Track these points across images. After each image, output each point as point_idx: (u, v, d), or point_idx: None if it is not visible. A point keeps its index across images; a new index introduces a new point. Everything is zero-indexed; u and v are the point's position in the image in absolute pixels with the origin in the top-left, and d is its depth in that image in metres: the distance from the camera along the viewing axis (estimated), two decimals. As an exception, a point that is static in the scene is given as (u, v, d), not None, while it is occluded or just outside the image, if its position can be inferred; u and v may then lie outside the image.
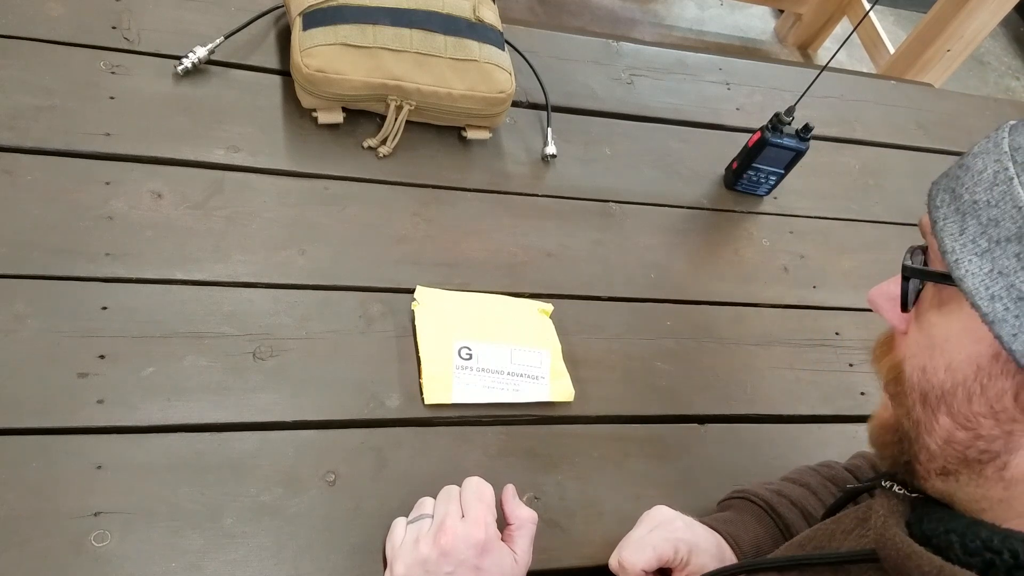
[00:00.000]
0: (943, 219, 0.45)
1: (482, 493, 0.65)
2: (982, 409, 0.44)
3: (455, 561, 0.60)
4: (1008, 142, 0.44)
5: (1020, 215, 0.41)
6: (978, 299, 0.42)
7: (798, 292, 1.00)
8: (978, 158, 0.45)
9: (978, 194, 0.43)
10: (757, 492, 0.73)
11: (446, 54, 0.90)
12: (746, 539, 0.69)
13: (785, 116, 0.98)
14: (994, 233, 0.42)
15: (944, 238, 0.44)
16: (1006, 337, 0.41)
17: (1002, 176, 0.43)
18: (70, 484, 0.62)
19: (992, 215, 0.42)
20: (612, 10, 2.62)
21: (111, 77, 0.86)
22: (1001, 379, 0.43)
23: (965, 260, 0.43)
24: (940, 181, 0.48)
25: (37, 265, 0.72)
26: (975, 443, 0.44)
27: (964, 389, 0.44)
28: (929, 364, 0.47)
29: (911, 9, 3.05)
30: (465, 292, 0.84)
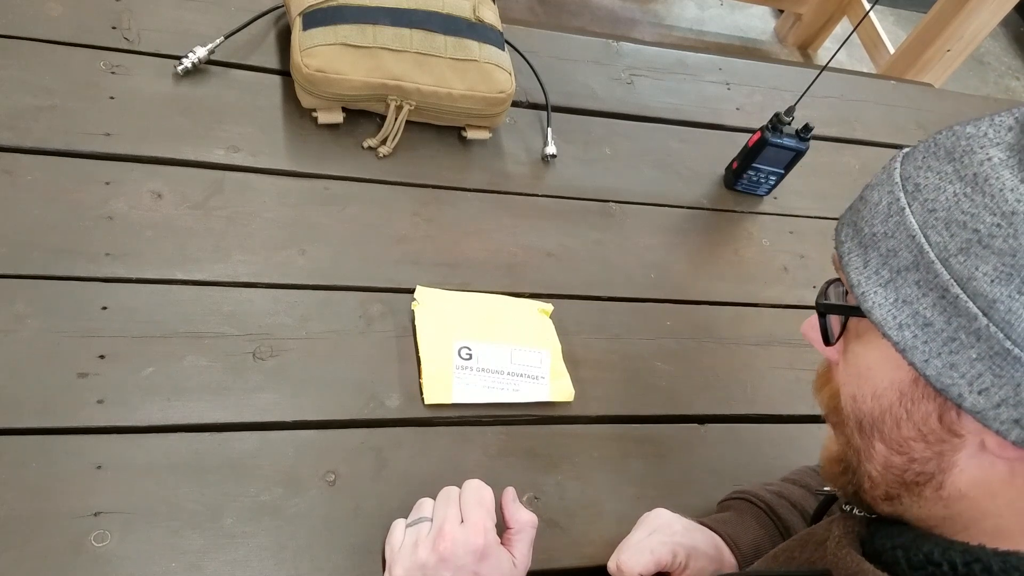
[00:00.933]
0: (848, 253, 0.46)
1: (482, 497, 0.65)
2: (911, 433, 0.45)
3: (453, 567, 0.60)
4: (899, 172, 0.45)
5: (914, 244, 0.42)
6: (887, 329, 0.42)
7: (798, 292, 1.00)
8: (874, 190, 0.46)
9: (876, 226, 0.45)
10: (757, 493, 0.73)
11: (446, 54, 0.90)
12: (745, 541, 0.69)
13: (785, 116, 0.98)
14: (894, 263, 0.43)
15: (850, 272, 0.45)
16: (919, 363, 0.41)
17: (895, 207, 0.44)
18: (70, 484, 0.62)
19: (890, 246, 0.43)
20: (612, 10, 2.62)
21: (111, 77, 0.86)
22: (924, 402, 0.44)
23: (871, 292, 0.44)
24: (845, 215, 0.49)
25: (37, 265, 0.72)
26: (910, 466, 0.46)
27: (891, 415, 0.45)
28: (858, 393, 0.48)
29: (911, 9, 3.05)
30: (465, 292, 0.84)
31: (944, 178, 0.43)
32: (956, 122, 0.46)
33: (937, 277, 0.41)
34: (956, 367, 0.40)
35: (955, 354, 0.40)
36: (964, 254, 0.40)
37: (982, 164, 0.41)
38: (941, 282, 0.41)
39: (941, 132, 0.46)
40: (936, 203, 0.42)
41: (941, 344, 0.41)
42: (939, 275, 0.41)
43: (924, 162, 0.45)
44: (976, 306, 0.39)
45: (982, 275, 0.39)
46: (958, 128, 0.45)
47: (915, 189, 0.44)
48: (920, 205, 0.43)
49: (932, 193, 0.43)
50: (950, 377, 0.41)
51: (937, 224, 0.42)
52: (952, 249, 0.40)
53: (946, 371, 0.41)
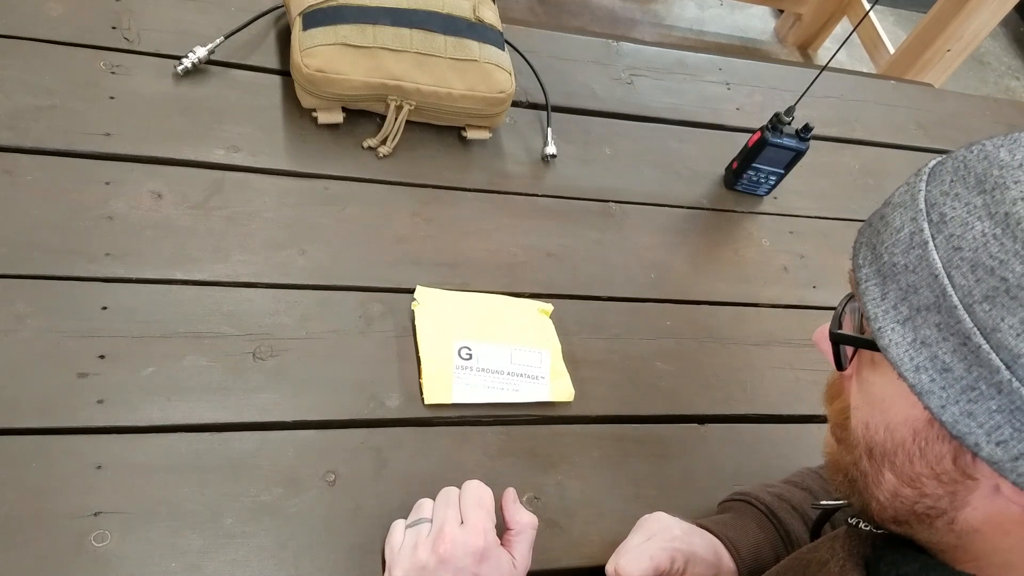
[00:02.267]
0: (865, 280, 0.44)
1: (481, 498, 0.64)
2: (924, 470, 0.43)
3: (453, 568, 0.60)
4: (924, 196, 0.42)
5: (937, 284, 0.39)
6: (903, 370, 0.40)
7: (798, 292, 1.00)
8: (896, 212, 0.43)
9: (896, 256, 0.42)
10: (759, 496, 0.73)
11: (446, 54, 0.90)
12: (745, 544, 0.69)
13: (785, 116, 0.98)
14: (914, 300, 0.40)
15: (867, 303, 0.43)
16: (935, 408, 0.39)
17: (918, 239, 0.41)
18: (70, 484, 0.62)
19: (911, 281, 0.41)
20: (612, 10, 2.62)
21: (111, 77, 0.86)
22: (938, 444, 0.42)
23: (888, 328, 0.41)
24: (863, 232, 0.46)
25: (37, 265, 0.72)
26: (921, 500, 0.44)
27: (904, 450, 0.44)
28: (871, 421, 0.46)
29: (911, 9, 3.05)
30: (465, 292, 0.84)
31: (972, 212, 0.39)
32: (988, 138, 0.42)
33: (959, 323, 0.38)
34: (974, 416, 0.38)
35: (974, 403, 0.38)
36: (990, 302, 0.37)
37: (1015, 204, 0.38)
38: (963, 329, 0.38)
39: (972, 150, 0.42)
40: (963, 241, 0.39)
41: (959, 392, 0.39)
42: (962, 321, 0.38)
43: (951, 188, 0.41)
44: (999, 358, 0.37)
45: (1008, 327, 0.37)
46: (991, 150, 0.41)
47: (940, 220, 0.40)
48: (945, 240, 0.40)
49: (959, 228, 0.39)
50: (967, 426, 0.39)
51: (962, 265, 0.39)
52: (977, 295, 0.38)
53: (963, 419, 0.39)
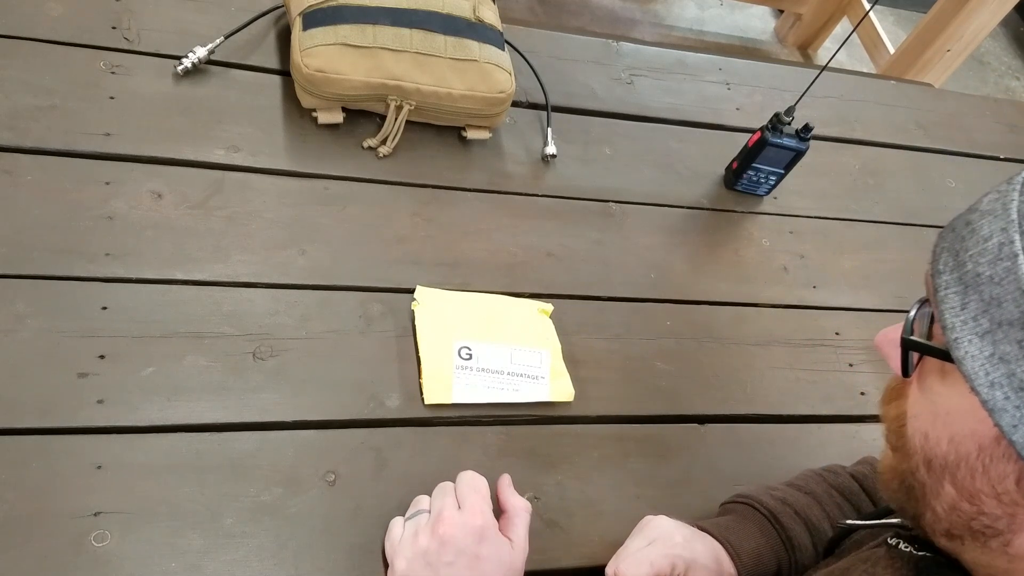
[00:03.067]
0: (944, 287, 0.42)
1: (476, 485, 0.65)
2: (984, 488, 0.42)
3: (455, 550, 0.60)
4: (1017, 206, 0.41)
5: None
6: (977, 384, 0.39)
7: (798, 292, 1.00)
8: (985, 219, 0.42)
9: (982, 266, 0.40)
10: (761, 500, 0.72)
11: (446, 54, 0.90)
12: (747, 549, 0.68)
13: (785, 116, 0.98)
14: (996, 314, 0.39)
15: (945, 312, 0.41)
16: (1006, 427, 0.39)
17: (1007, 250, 0.39)
18: (70, 484, 0.62)
19: (995, 293, 0.39)
20: (612, 10, 2.62)
21: (111, 77, 0.86)
22: (1003, 462, 0.41)
23: (965, 340, 0.40)
24: (946, 236, 0.45)
25: (37, 265, 0.72)
26: (979, 517, 0.43)
27: (967, 465, 0.43)
28: (932, 432, 0.45)
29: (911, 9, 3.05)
30: (465, 292, 0.84)
31: None
32: None
33: None
34: None
35: None
36: None
37: None
38: None
39: None
40: None
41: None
42: None
43: None
44: None
45: None
46: None
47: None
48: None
49: None
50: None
51: None
52: None
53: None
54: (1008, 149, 1.31)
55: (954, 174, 1.24)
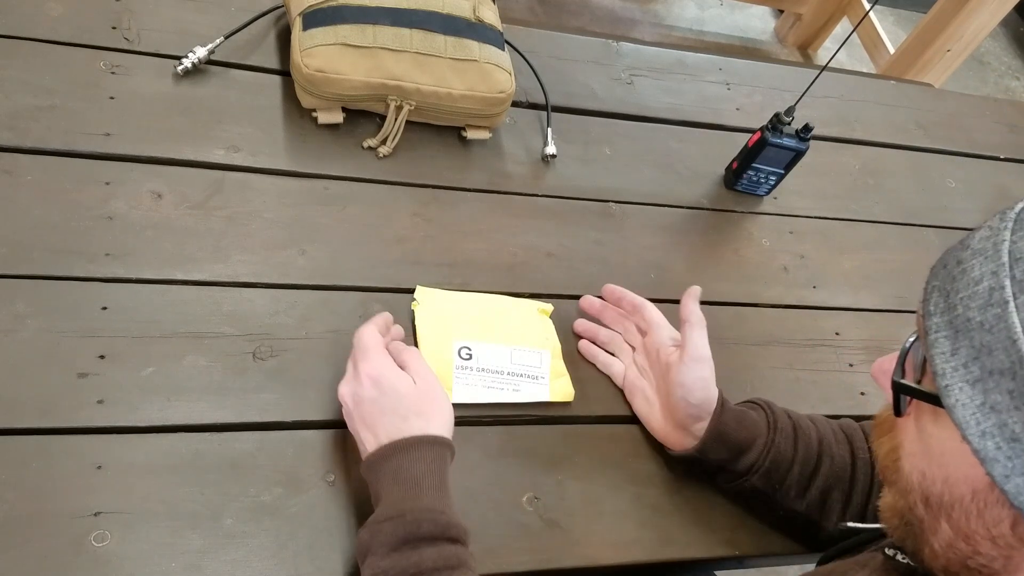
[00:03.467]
0: (935, 331, 0.41)
1: (363, 342, 0.68)
2: (980, 530, 0.42)
3: (355, 404, 0.66)
4: (1008, 247, 0.40)
5: (1014, 349, 0.37)
6: (969, 433, 0.39)
7: (798, 292, 1.00)
8: (976, 260, 0.41)
9: (972, 311, 0.40)
10: (763, 397, 0.77)
11: (446, 54, 0.89)
12: (732, 409, 0.73)
13: (785, 116, 0.98)
14: (987, 362, 0.38)
15: (935, 356, 0.41)
16: (998, 477, 0.38)
17: (998, 296, 0.39)
18: (70, 484, 0.62)
19: (986, 341, 0.39)
20: (612, 10, 2.62)
21: (111, 77, 0.86)
22: (997, 507, 0.41)
23: (956, 387, 0.39)
24: (937, 273, 0.44)
25: (37, 265, 0.72)
26: (975, 556, 0.43)
27: (962, 507, 0.42)
28: (927, 471, 0.45)
29: (911, 9, 3.05)
30: (465, 292, 0.84)
31: None
32: None
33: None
34: None
35: None
36: None
37: None
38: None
39: None
40: None
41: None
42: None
43: None
44: None
45: None
46: None
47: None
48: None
49: None
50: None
51: None
52: None
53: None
54: (1008, 149, 1.31)
55: (954, 174, 1.24)
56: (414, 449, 0.63)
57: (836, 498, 0.72)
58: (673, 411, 0.74)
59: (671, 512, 0.76)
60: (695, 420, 0.73)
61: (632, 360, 0.81)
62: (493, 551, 0.69)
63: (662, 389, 0.77)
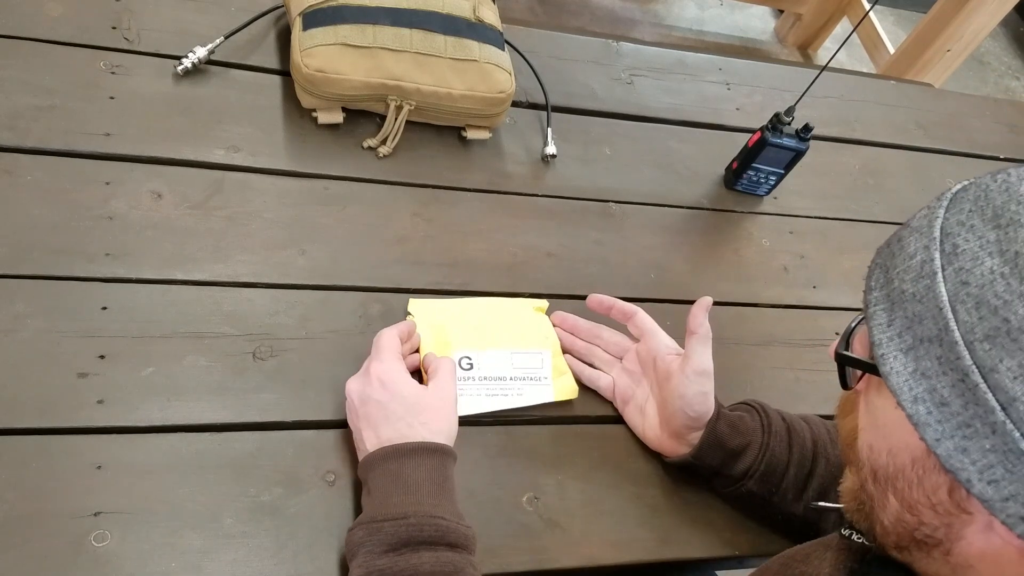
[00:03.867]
0: (874, 304, 0.43)
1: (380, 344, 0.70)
2: (921, 498, 0.43)
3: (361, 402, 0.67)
4: (941, 224, 0.42)
5: (941, 316, 0.39)
6: (902, 399, 0.40)
7: (798, 292, 1.00)
8: (912, 236, 0.43)
9: (906, 283, 0.42)
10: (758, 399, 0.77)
11: (446, 54, 0.90)
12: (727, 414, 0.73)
13: (785, 116, 0.98)
14: (918, 331, 0.40)
15: (874, 327, 0.43)
16: (930, 440, 0.40)
17: (928, 268, 0.41)
18: (70, 484, 0.62)
19: (917, 311, 0.40)
20: (612, 10, 2.62)
21: (111, 77, 0.86)
22: (935, 474, 0.42)
23: (891, 356, 0.41)
24: (881, 252, 0.46)
25: (37, 265, 0.72)
26: (920, 527, 0.44)
27: (904, 477, 0.44)
28: (875, 443, 0.46)
29: (911, 9, 3.05)
30: (457, 298, 0.83)
31: (984, 247, 0.39)
32: (1016, 167, 0.42)
33: (959, 359, 0.38)
34: (967, 453, 0.38)
35: (968, 440, 0.38)
36: (990, 342, 0.37)
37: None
38: (962, 365, 0.38)
39: (996, 179, 0.42)
40: (971, 276, 0.39)
41: (955, 427, 0.39)
42: (961, 357, 0.38)
43: (968, 219, 0.41)
44: (995, 399, 0.37)
45: (1006, 369, 0.37)
46: (1014, 182, 0.41)
47: (952, 251, 0.40)
48: (954, 273, 0.39)
49: (968, 262, 0.39)
50: (960, 461, 0.39)
51: (967, 301, 0.38)
52: (979, 333, 0.38)
53: (957, 455, 0.39)
54: (1008, 149, 1.32)
55: (954, 174, 1.24)
56: (417, 455, 0.64)
57: (833, 499, 0.72)
58: (669, 420, 0.74)
59: (671, 512, 0.76)
60: (691, 430, 0.73)
61: (621, 368, 0.81)
62: (493, 551, 0.69)
63: (658, 396, 0.76)
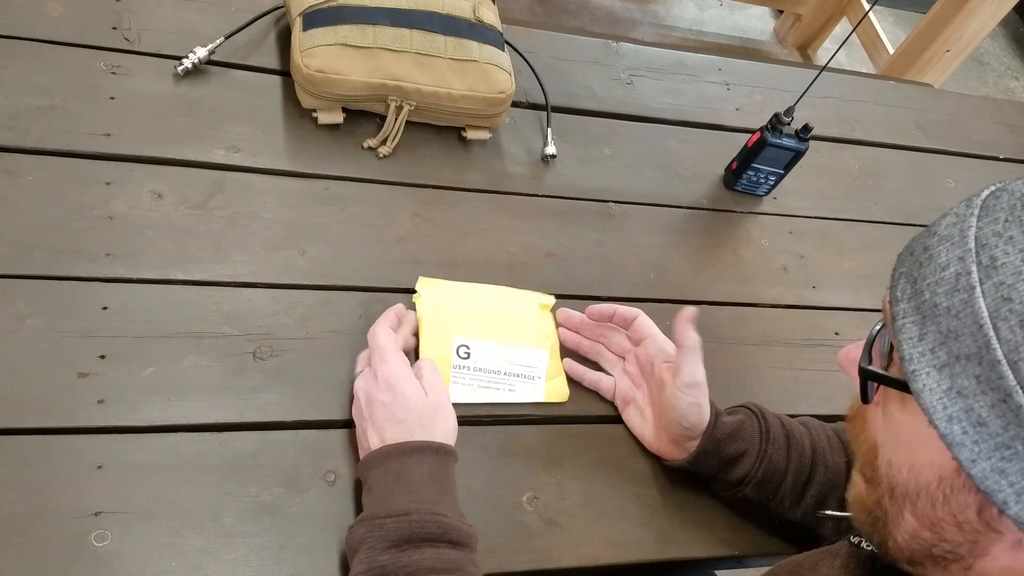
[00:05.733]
0: (902, 316, 0.41)
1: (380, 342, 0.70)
2: (945, 516, 0.42)
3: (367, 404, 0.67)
4: (975, 233, 0.40)
5: (981, 334, 0.38)
6: (935, 418, 0.39)
7: (797, 292, 1.00)
8: (943, 246, 0.41)
9: (939, 297, 0.40)
10: (757, 403, 0.76)
11: (446, 54, 0.90)
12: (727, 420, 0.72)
13: (785, 116, 0.98)
14: (954, 347, 0.39)
15: (903, 341, 0.41)
16: (965, 461, 0.38)
17: (964, 282, 0.39)
18: (70, 484, 0.62)
19: (952, 326, 0.39)
20: (612, 10, 2.62)
21: (111, 77, 0.86)
22: (964, 493, 0.41)
23: (923, 372, 0.39)
24: (904, 260, 0.44)
25: (37, 265, 0.72)
26: (940, 544, 0.43)
27: (928, 494, 0.43)
28: (894, 459, 0.45)
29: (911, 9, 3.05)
30: (467, 282, 0.84)
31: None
32: None
33: (1002, 379, 0.37)
34: (1005, 474, 0.37)
35: (1007, 462, 0.37)
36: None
37: None
38: (1005, 385, 0.37)
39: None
40: (1013, 292, 0.37)
41: (993, 448, 0.37)
42: (1004, 377, 0.37)
43: (1006, 229, 0.39)
44: None
45: None
46: None
47: (991, 264, 0.38)
48: (993, 287, 0.38)
49: (1010, 277, 0.37)
50: (997, 483, 0.38)
51: (1011, 318, 0.37)
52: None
53: (993, 476, 0.38)
54: (1008, 149, 1.32)
55: (954, 174, 1.24)
56: (419, 453, 0.64)
57: (831, 506, 0.72)
58: (666, 428, 0.74)
59: (671, 512, 0.76)
60: (688, 439, 0.73)
61: (623, 370, 0.81)
62: (493, 551, 0.69)
63: (656, 403, 0.76)
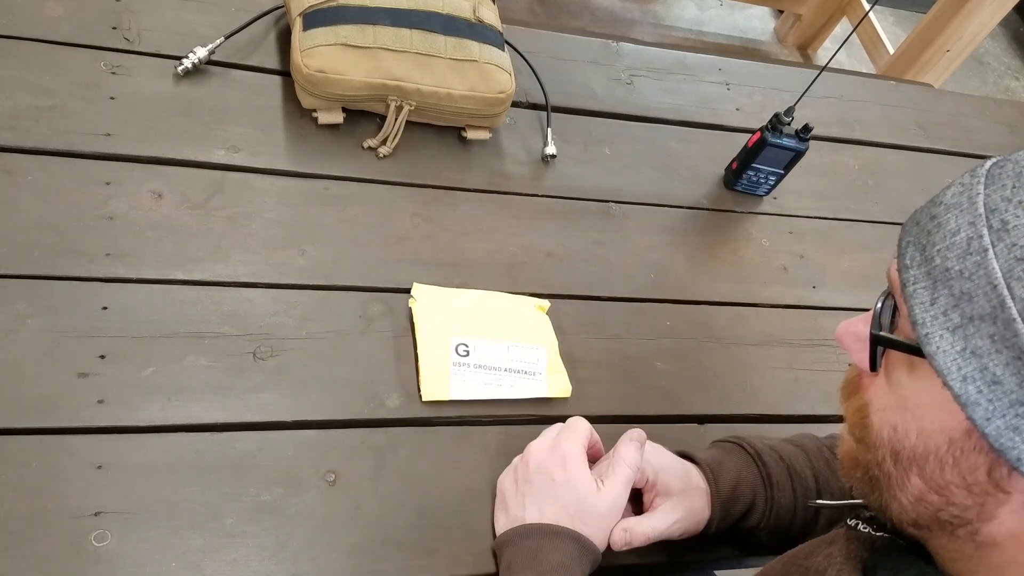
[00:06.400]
0: (912, 283, 0.42)
1: (576, 425, 0.70)
2: (954, 479, 0.43)
3: (535, 469, 0.67)
4: (983, 200, 0.41)
5: (995, 294, 0.38)
6: (950, 379, 0.39)
7: (797, 292, 1.00)
8: (951, 213, 0.42)
9: (950, 261, 0.40)
10: (750, 441, 0.74)
11: (446, 54, 0.90)
12: (726, 477, 0.70)
13: (785, 116, 0.98)
14: (967, 309, 0.39)
15: (914, 307, 0.41)
16: (979, 420, 0.39)
17: (976, 245, 0.39)
18: (70, 484, 0.62)
19: (965, 288, 0.39)
20: (612, 11, 2.62)
21: (111, 77, 0.86)
22: (974, 454, 0.41)
23: (936, 335, 0.40)
24: (910, 229, 0.44)
25: (37, 265, 0.72)
26: (947, 507, 0.44)
27: (936, 457, 0.43)
28: (900, 425, 0.45)
29: (911, 9, 3.05)
30: (462, 288, 0.84)
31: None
32: None
33: (1016, 336, 0.37)
34: (1020, 431, 0.38)
35: (1021, 418, 0.38)
36: None
37: None
38: (1020, 343, 0.37)
39: None
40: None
41: (1008, 405, 0.38)
42: (1019, 335, 0.37)
43: (1014, 195, 0.40)
44: None
45: None
46: None
47: (1002, 227, 0.39)
48: (1006, 248, 0.38)
49: (1022, 239, 0.38)
50: (1011, 440, 0.38)
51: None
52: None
53: (1008, 433, 0.38)
54: (1008, 149, 1.31)
55: (954, 174, 1.23)
56: (559, 538, 0.63)
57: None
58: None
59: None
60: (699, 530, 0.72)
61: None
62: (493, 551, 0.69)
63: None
